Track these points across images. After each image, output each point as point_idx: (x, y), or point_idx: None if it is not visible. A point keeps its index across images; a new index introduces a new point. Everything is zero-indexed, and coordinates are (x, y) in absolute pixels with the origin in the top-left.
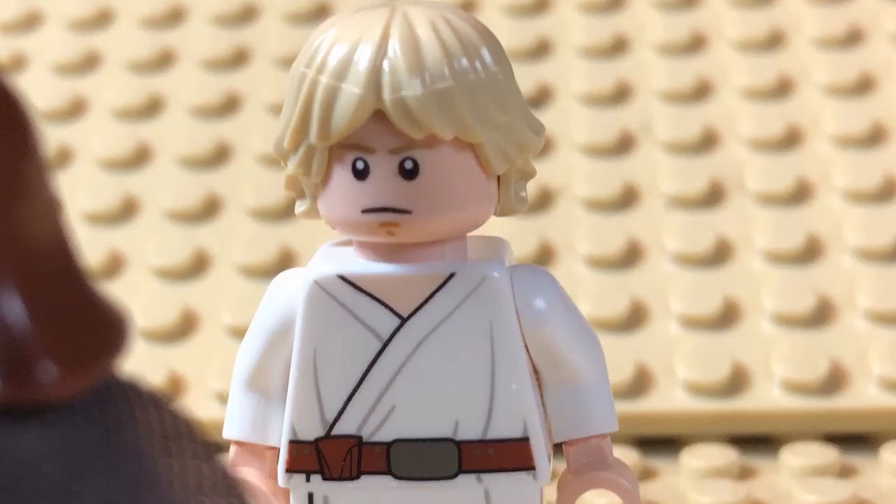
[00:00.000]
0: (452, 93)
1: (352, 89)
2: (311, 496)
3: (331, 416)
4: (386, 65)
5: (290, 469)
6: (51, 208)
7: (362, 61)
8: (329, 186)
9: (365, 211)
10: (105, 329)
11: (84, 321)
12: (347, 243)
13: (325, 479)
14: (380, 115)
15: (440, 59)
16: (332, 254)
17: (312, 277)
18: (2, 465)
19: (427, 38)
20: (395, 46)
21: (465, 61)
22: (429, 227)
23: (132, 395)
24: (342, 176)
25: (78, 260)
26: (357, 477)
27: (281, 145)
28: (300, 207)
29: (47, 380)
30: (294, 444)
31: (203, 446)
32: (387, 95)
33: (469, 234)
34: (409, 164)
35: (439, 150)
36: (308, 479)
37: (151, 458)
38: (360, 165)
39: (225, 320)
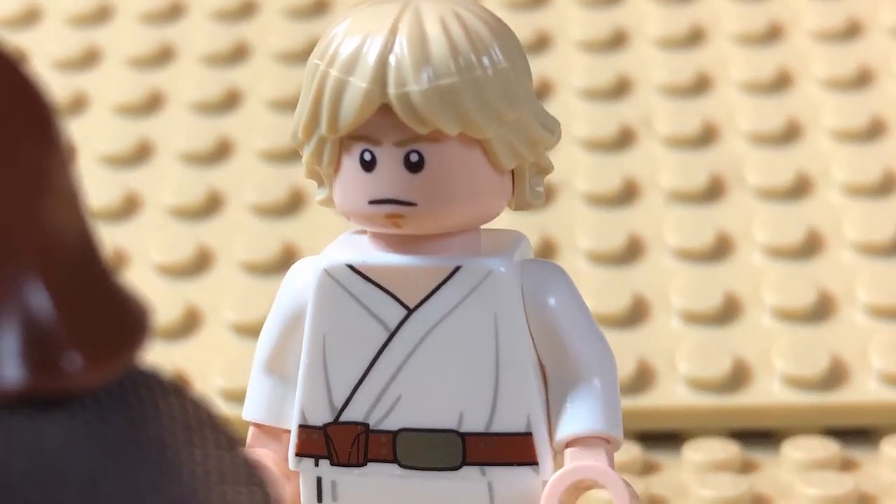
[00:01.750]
0: (457, 89)
1: (359, 83)
2: (319, 481)
3: (339, 403)
4: (392, 60)
5: (300, 453)
6: (74, 200)
7: (370, 56)
8: (340, 176)
9: (371, 202)
10: (128, 320)
11: (107, 312)
12: (363, 233)
13: (332, 464)
14: (386, 109)
15: (446, 54)
16: (347, 243)
17: (322, 266)
18: (28, 454)
19: (435, 33)
20: (402, 42)
21: (472, 57)
22: (434, 220)
23: (155, 386)
24: (351, 167)
25: (100, 252)
26: (364, 464)
27: (296, 135)
28: (320, 195)
29: (72, 370)
30: (304, 428)
31: (225, 436)
32: (392, 90)
33: (486, 227)
34: (414, 157)
35: (445, 144)
36: (317, 464)
37: (174, 448)
38: (367, 157)
39: (228, 317)
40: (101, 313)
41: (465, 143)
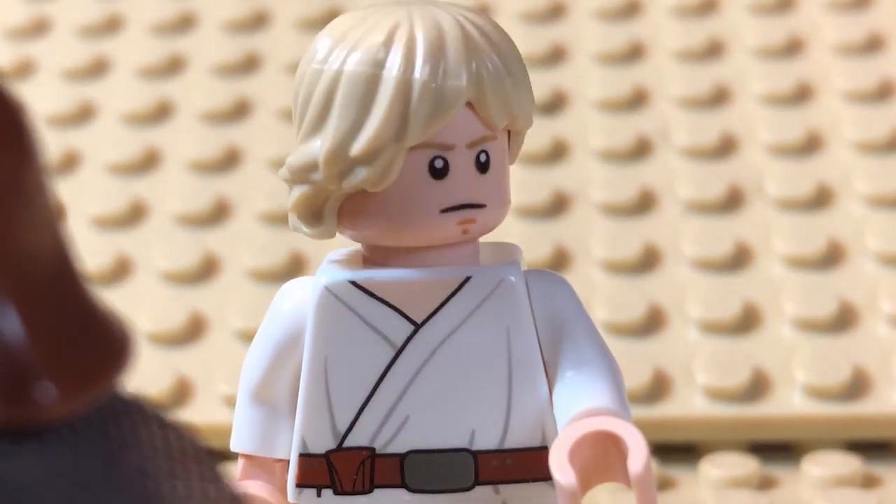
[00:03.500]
0: (518, 82)
1: (454, 83)
2: None
3: (342, 428)
4: (473, 61)
5: (301, 484)
6: (50, 218)
7: (449, 56)
8: (395, 190)
9: (444, 210)
10: (107, 345)
11: (85, 337)
12: (353, 251)
13: (336, 493)
14: (462, 109)
15: (497, 51)
16: (340, 260)
17: (323, 284)
18: (0, 489)
19: (476, 33)
20: (467, 41)
21: (513, 54)
22: (495, 221)
23: (136, 414)
24: (415, 177)
25: (78, 272)
26: (370, 491)
27: (335, 157)
28: (313, 229)
29: (46, 400)
30: (304, 457)
31: (209, 467)
32: (480, 87)
33: (480, 241)
34: (483, 157)
35: (499, 141)
36: (319, 494)
37: (155, 480)
38: (438, 164)
39: (234, 325)
40: (78, 339)
41: (504, 139)
